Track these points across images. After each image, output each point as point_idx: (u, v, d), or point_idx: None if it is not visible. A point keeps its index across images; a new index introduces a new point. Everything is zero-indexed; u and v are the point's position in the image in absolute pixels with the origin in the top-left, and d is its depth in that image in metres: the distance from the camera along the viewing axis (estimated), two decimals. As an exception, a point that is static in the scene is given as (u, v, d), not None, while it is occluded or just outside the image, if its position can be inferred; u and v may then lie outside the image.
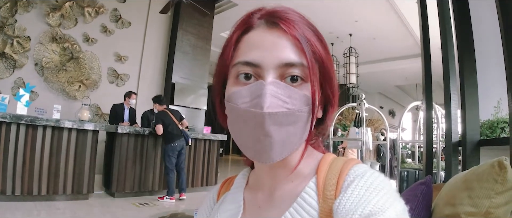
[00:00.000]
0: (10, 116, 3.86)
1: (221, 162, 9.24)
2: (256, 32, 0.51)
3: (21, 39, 5.87)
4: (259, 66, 0.48)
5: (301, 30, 0.50)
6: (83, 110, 4.99)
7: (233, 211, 0.59)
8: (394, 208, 0.43)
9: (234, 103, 0.49)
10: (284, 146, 0.48)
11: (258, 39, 0.50)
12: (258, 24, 0.51)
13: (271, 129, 0.46)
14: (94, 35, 6.86)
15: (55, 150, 4.24)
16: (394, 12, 8.22)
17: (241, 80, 0.50)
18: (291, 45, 0.49)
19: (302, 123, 0.49)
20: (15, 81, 5.87)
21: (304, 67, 0.49)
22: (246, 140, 0.50)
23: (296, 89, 0.48)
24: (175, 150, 4.97)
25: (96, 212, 4.12)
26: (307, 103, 0.49)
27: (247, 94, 0.48)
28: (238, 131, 0.51)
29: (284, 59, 0.48)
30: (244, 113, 0.48)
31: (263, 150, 0.48)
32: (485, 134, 1.92)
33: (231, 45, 0.52)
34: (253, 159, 0.51)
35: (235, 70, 0.51)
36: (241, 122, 0.49)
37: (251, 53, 0.49)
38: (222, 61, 0.54)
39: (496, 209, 0.86)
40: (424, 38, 2.35)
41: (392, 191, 0.47)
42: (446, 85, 2.01)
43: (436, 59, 2.32)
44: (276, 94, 0.47)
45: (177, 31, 7.63)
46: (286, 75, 0.49)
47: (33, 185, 4.03)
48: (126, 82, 7.35)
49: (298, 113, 0.48)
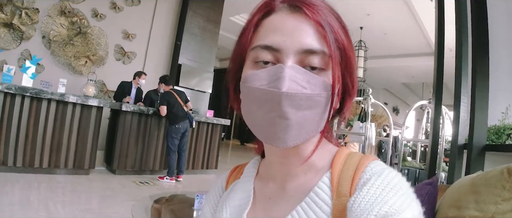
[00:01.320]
0: (15, 87, 3.87)
1: (222, 146, 9.27)
2: (277, 15, 0.49)
3: (29, 10, 5.85)
4: (278, 51, 0.47)
5: (324, 16, 0.48)
6: (89, 85, 5.00)
7: (243, 201, 0.58)
8: (411, 209, 0.42)
9: (251, 84, 0.47)
10: (300, 131, 0.46)
11: (279, 23, 0.48)
12: (280, 8, 0.49)
13: (288, 110, 0.44)
14: (103, 11, 6.82)
15: (58, 124, 4.26)
16: (407, 9, 8.11)
17: (259, 65, 0.48)
18: (314, 31, 0.47)
19: (320, 109, 0.47)
20: (21, 53, 5.88)
21: (325, 55, 0.47)
22: (260, 122, 0.48)
23: (316, 75, 0.47)
24: (179, 131, 4.97)
25: (96, 187, 4.17)
26: (326, 90, 0.47)
27: (265, 77, 0.46)
28: (252, 113, 0.49)
29: (305, 45, 0.46)
30: (261, 94, 0.46)
31: (277, 133, 0.46)
32: (491, 139, 1.90)
33: (251, 27, 0.51)
34: (266, 142, 0.49)
35: (254, 53, 0.49)
36: (256, 104, 0.47)
37: (271, 37, 0.48)
38: (241, 44, 0.52)
39: (501, 215, 0.85)
40: (439, 39, 2.31)
41: (409, 191, 0.45)
42: (457, 88, 1.98)
43: (446, 61, 2.29)
44: (294, 78, 0.45)
45: (187, 12, 7.58)
46: (305, 63, 0.47)
47: (34, 158, 4.07)
48: (133, 60, 7.34)
49: (317, 98, 0.46)
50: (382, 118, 9.89)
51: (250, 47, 0.50)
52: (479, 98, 1.79)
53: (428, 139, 2.79)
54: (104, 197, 3.76)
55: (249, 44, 0.50)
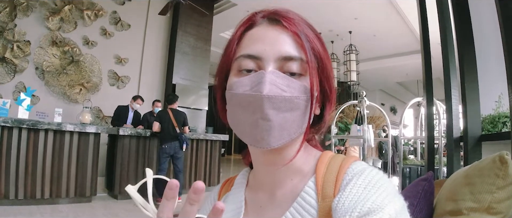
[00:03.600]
0: (11, 120, 3.87)
1: (223, 162, 9.21)
2: (258, 28, 0.54)
3: (21, 43, 5.88)
4: (260, 59, 0.50)
5: (301, 27, 0.52)
6: (85, 113, 5.00)
7: (235, 212, 0.59)
8: (393, 204, 0.44)
9: (235, 91, 0.51)
10: (282, 132, 0.49)
11: (260, 34, 0.53)
12: (261, 22, 0.54)
13: (269, 112, 0.47)
14: (94, 38, 6.87)
15: (57, 153, 4.25)
16: (393, 9, 8.20)
17: (243, 73, 0.52)
18: (291, 40, 0.51)
19: (300, 111, 0.50)
20: (16, 86, 5.89)
21: (303, 62, 0.51)
22: (244, 126, 0.50)
23: (295, 80, 0.50)
24: (165, 152, 4.83)
25: (99, 214, 4.13)
26: (305, 93, 0.50)
27: (248, 82, 0.50)
28: (237, 118, 0.52)
29: (284, 53, 0.50)
30: (244, 98, 0.49)
31: (260, 135, 0.48)
32: (487, 129, 1.91)
33: (235, 40, 0.55)
34: (250, 144, 0.52)
35: (237, 63, 0.53)
36: (240, 109, 0.50)
37: (253, 47, 0.52)
38: (226, 56, 0.56)
39: (498, 204, 0.85)
40: (424, 34, 2.34)
41: (391, 187, 0.47)
42: (446, 81, 2.00)
43: (436, 55, 2.30)
44: (275, 82, 0.48)
45: (177, 32, 7.65)
46: (285, 69, 0.50)
47: (36, 189, 4.04)
48: (127, 84, 7.36)
49: (296, 100, 0.49)
50: (380, 119, 9.91)
51: (235, 57, 0.54)
52: (469, 89, 1.80)
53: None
54: (107, 223, 3.72)
55: (234, 55, 0.54)
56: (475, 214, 0.86)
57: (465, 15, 1.87)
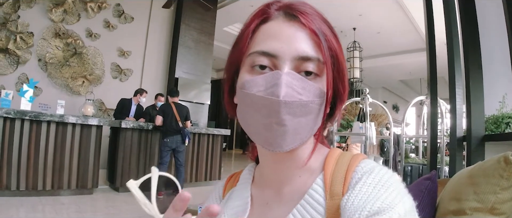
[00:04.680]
0: (14, 111, 3.88)
1: (225, 156, 9.23)
2: (274, 23, 0.51)
3: (24, 35, 5.89)
4: (275, 57, 0.48)
5: (318, 24, 0.50)
6: (87, 105, 5.01)
7: (241, 208, 0.58)
8: (403, 204, 0.43)
9: (248, 90, 0.49)
10: (295, 136, 0.48)
11: (276, 30, 0.50)
12: (276, 16, 0.51)
13: (286, 117, 0.46)
14: (97, 31, 6.87)
15: (59, 145, 4.26)
16: (398, 6, 8.16)
17: (256, 69, 0.50)
18: (309, 39, 0.49)
19: (313, 115, 0.49)
20: (18, 77, 5.90)
21: (320, 63, 0.49)
22: (257, 128, 0.49)
23: (310, 82, 0.48)
24: (167, 145, 4.81)
25: (100, 206, 4.15)
26: (320, 97, 0.49)
27: (263, 83, 0.48)
28: (249, 118, 0.50)
29: (301, 52, 0.48)
30: (259, 100, 0.47)
31: (274, 138, 0.48)
32: (490, 129, 1.90)
33: (248, 34, 0.52)
34: (263, 147, 0.50)
35: (251, 59, 0.50)
36: (253, 110, 0.49)
37: (269, 44, 0.49)
38: (237, 49, 0.54)
39: (501, 204, 0.85)
40: (429, 32, 2.33)
41: (400, 187, 0.46)
42: (451, 80, 1.99)
43: (441, 54, 2.29)
44: (291, 85, 0.46)
45: (180, 26, 7.63)
46: (301, 69, 0.49)
47: (37, 180, 4.06)
48: (130, 77, 7.37)
49: (311, 105, 0.48)
50: (383, 116, 9.89)
51: (247, 52, 0.51)
52: (474, 89, 1.80)
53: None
54: (109, 216, 3.74)
55: (246, 50, 0.52)
56: (479, 214, 0.86)
57: (471, 14, 1.86)
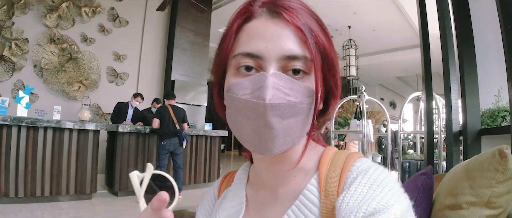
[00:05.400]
0: (10, 118, 3.86)
1: (223, 157, 9.22)
2: (257, 21, 0.49)
3: (19, 41, 5.86)
4: (260, 58, 0.46)
5: (304, 20, 0.48)
6: (84, 110, 4.99)
7: (236, 208, 0.58)
8: (399, 204, 0.42)
9: (235, 94, 0.47)
10: (286, 139, 0.47)
11: (260, 29, 0.48)
12: (260, 13, 0.49)
13: (273, 120, 0.44)
14: (92, 35, 6.84)
15: (57, 150, 4.24)
16: (393, 3, 8.17)
17: (241, 71, 0.48)
18: (294, 36, 0.47)
19: (303, 115, 0.47)
20: (14, 84, 5.87)
21: (307, 60, 0.47)
22: (246, 132, 0.48)
23: (298, 82, 0.47)
24: (165, 148, 4.81)
25: (99, 211, 4.14)
26: (309, 96, 0.47)
27: (248, 85, 0.46)
28: (237, 122, 0.49)
29: (287, 52, 0.46)
30: (245, 104, 0.46)
31: (264, 142, 0.46)
32: (486, 123, 1.91)
33: (231, 34, 0.50)
34: (253, 151, 0.49)
35: (236, 61, 0.48)
36: (241, 114, 0.47)
37: (253, 44, 0.47)
38: (222, 51, 0.51)
39: (497, 198, 0.85)
40: (423, 28, 2.33)
41: (396, 186, 0.46)
42: (445, 75, 1.99)
43: (436, 50, 2.30)
44: (277, 86, 0.45)
45: (175, 28, 7.62)
46: (288, 68, 0.47)
47: (36, 187, 4.04)
48: (126, 81, 7.35)
49: (300, 105, 0.46)
50: (380, 113, 9.91)
51: (232, 54, 0.49)
52: (469, 83, 1.80)
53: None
54: (108, 220, 3.73)
55: (231, 51, 0.50)
56: (475, 208, 0.86)
57: (464, 9, 1.87)
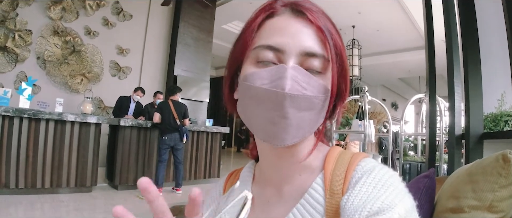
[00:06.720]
0: (12, 109, 3.87)
1: (224, 154, 9.24)
2: (280, 18, 0.51)
3: (22, 33, 5.87)
4: (281, 51, 0.48)
5: (324, 22, 0.50)
6: (86, 103, 5.00)
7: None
8: (403, 204, 0.43)
9: (251, 83, 0.48)
10: (298, 131, 0.48)
11: (283, 25, 0.50)
12: (283, 11, 0.51)
13: (290, 111, 0.46)
14: (96, 28, 6.85)
15: (58, 143, 4.26)
16: (397, 4, 8.15)
17: (260, 63, 0.49)
18: (315, 35, 0.49)
19: (316, 111, 0.49)
20: (17, 75, 5.88)
21: (324, 60, 0.49)
22: (259, 121, 0.49)
23: (315, 78, 0.48)
24: (165, 143, 4.83)
25: (99, 204, 4.15)
26: (324, 93, 0.49)
27: (267, 76, 0.47)
28: (251, 111, 0.50)
29: (307, 48, 0.48)
30: (263, 93, 0.47)
31: (277, 132, 0.47)
32: (489, 127, 1.90)
33: (254, 28, 0.52)
34: (265, 140, 0.50)
35: (255, 53, 0.50)
36: (256, 102, 0.48)
37: (275, 38, 0.49)
38: (241, 44, 0.53)
39: (499, 202, 0.85)
40: (428, 30, 2.32)
41: (401, 187, 0.46)
42: (450, 78, 1.98)
43: (440, 52, 2.29)
44: (296, 79, 0.46)
45: (179, 23, 7.60)
46: (305, 65, 0.48)
47: (36, 178, 4.06)
48: (129, 75, 7.35)
49: (315, 100, 0.48)
50: (381, 114, 9.89)
51: (252, 46, 0.51)
52: (473, 86, 1.79)
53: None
54: (108, 214, 3.73)
55: (251, 44, 0.51)
56: (477, 212, 0.86)
57: (470, 12, 1.85)
